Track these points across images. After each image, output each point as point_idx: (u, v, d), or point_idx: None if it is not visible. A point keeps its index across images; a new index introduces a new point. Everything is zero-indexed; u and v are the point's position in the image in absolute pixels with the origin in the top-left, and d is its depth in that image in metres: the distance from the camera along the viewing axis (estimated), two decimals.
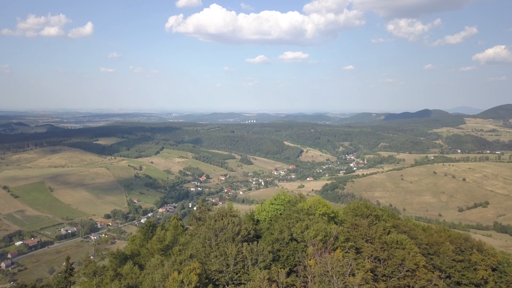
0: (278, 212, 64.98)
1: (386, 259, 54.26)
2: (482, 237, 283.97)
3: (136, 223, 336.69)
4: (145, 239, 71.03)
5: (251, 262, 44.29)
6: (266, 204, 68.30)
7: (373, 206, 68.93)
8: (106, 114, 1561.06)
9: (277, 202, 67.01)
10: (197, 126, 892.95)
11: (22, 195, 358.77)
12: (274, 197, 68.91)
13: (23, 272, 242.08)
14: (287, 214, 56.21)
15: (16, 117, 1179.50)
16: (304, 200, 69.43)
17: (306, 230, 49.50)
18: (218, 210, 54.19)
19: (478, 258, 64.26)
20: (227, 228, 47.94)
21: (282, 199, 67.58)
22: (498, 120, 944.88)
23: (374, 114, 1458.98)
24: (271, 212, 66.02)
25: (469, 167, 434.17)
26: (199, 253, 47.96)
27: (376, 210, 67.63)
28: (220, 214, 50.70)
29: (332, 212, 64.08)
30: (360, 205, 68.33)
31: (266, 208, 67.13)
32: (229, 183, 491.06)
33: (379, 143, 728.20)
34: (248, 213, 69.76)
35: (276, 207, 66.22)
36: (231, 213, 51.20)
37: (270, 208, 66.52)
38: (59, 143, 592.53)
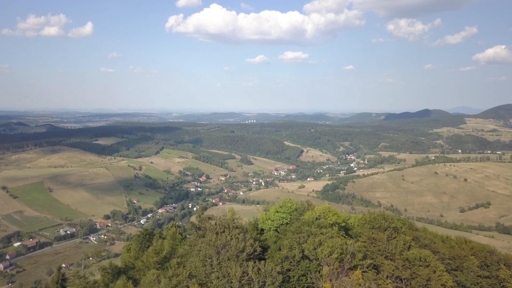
0: (284, 221, 61.35)
1: (409, 279, 48.71)
2: (484, 238, 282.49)
3: (136, 223, 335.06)
4: (141, 248, 67.75)
5: (258, 285, 39.30)
6: (271, 212, 64.27)
7: (391, 217, 62.82)
8: (106, 114, 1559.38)
9: (283, 210, 63.12)
10: (197, 126, 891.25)
11: (21, 195, 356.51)
12: (280, 204, 64.88)
13: (22, 273, 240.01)
14: (297, 226, 51.41)
15: (16, 117, 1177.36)
16: (312, 208, 65.29)
17: (319, 247, 44.71)
18: (219, 221, 50.04)
19: (507, 274, 59.07)
20: (230, 244, 43.39)
21: (289, 207, 63.74)
22: (499, 120, 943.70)
23: (374, 114, 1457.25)
24: (276, 221, 62.25)
25: (471, 167, 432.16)
26: (198, 272, 43.17)
27: (394, 222, 61.72)
28: (221, 226, 46.75)
29: (343, 221, 60.04)
30: (377, 216, 62.40)
31: (271, 217, 63.30)
32: (229, 183, 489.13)
33: (380, 143, 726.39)
34: (251, 221, 66.20)
35: (282, 215, 62.52)
36: (234, 224, 47.39)
37: (276, 217, 62.72)
38: (59, 143, 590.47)
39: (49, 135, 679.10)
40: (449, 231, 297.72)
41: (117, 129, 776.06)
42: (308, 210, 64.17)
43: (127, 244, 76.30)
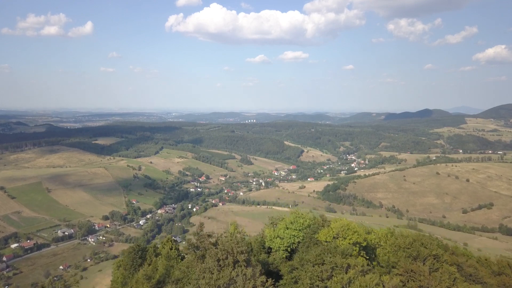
0: (295, 240, 54.96)
1: None
2: (488, 240, 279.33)
3: (135, 224, 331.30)
4: (133, 266, 61.61)
5: None
6: (280, 228, 57.37)
7: (430, 242, 54.65)
8: (106, 114, 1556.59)
9: (294, 227, 56.34)
10: (197, 126, 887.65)
11: (19, 195, 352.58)
12: (290, 220, 57.95)
13: (19, 275, 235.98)
14: (317, 255, 43.94)
15: (15, 117, 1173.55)
16: (327, 223, 57.82)
17: (349, 286, 37.31)
18: (221, 243, 42.11)
19: None
20: (235, 283, 35.92)
21: (301, 223, 56.97)
22: (499, 120, 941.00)
23: (374, 113, 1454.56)
24: (286, 239, 55.34)
25: (472, 168, 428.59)
26: None
27: (434, 248, 53.09)
28: (224, 251, 39.55)
29: (364, 240, 52.30)
30: (414, 243, 53.14)
31: (281, 234, 56.40)
32: (229, 183, 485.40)
33: (380, 143, 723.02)
34: (258, 238, 59.85)
35: (292, 233, 55.77)
36: (239, 249, 39.39)
37: (286, 234, 55.92)
38: (58, 143, 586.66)
39: (48, 135, 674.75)
40: (452, 232, 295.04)
41: (117, 128, 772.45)
42: (323, 226, 56.89)
43: (117, 261, 69.04)
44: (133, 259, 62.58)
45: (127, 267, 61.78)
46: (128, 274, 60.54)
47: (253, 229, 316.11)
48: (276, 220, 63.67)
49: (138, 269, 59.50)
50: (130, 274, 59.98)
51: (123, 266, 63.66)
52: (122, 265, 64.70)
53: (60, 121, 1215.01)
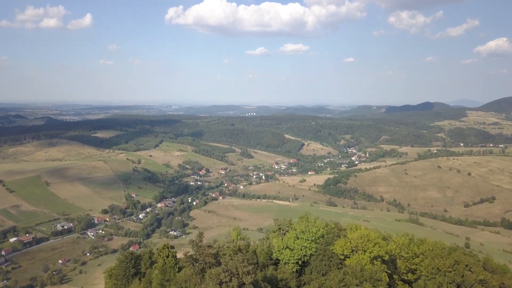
0: (307, 252, 49.64)
1: None
2: (489, 234, 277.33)
3: (135, 218, 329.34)
4: (126, 276, 56.45)
5: None
6: (290, 238, 51.88)
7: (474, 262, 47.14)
8: (105, 107, 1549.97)
9: (306, 236, 50.59)
10: (197, 119, 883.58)
11: (17, 189, 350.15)
12: (301, 228, 52.21)
13: (17, 270, 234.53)
14: (340, 280, 37.99)
15: (15, 110, 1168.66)
16: (343, 233, 52.11)
17: None
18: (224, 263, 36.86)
19: None
20: None
21: (313, 233, 51.05)
22: (500, 113, 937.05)
23: (375, 107, 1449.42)
24: (297, 250, 49.99)
25: (474, 161, 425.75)
26: None
27: (480, 271, 45.31)
28: (228, 273, 34.18)
29: (385, 253, 47.20)
30: (457, 266, 45.18)
31: (290, 244, 50.94)
32: (229, 177, 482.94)
33: (381, 136, 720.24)
34: (264, 248, 54.13)
35: (304, 243, 50.09)
36: (244, 269, 34.46)
37: (296, 245, 50.41)
38: (57, 136, 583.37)
39: (47, 128, 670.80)
40: (454, 226, 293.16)
41: (116, 122, 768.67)
42: (338, 236, 51.60)
43: (109, 269, 62.49)
44: (126, 269, 57.17)
45: (119, 278, 56.37)
46: (121, 285, 55.58)
47: (253, 223, 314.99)
48: (283, 225, 57.95)
49: (131, 280, 54.97)
50: (123, 286, 55.19)
51: (114, 276, 57.99)
52: (113, 275, 58.91)
53: (59, 114, 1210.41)
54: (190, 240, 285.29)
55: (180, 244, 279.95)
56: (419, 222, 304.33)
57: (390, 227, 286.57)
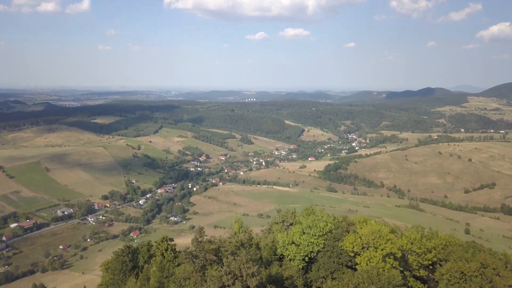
0: (314, 248, 47.34)
1: None
2: (489, 220, 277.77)
3: (135, 204, 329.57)
4: (122, 271, 54.34)
5: None
6: (296, 232, 49.34)
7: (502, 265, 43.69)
8: (105, 92, 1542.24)
9: (312, 232, 48.12)
10: (196, 105, 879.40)
11: (17, 175, 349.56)
12: (308, 223, 49.64)
13: (18, 255, 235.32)
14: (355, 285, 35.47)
15: (13, 95, 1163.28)
16: (353, 228, 49.61)
17: None
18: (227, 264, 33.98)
19: None
20: None
21: (320, 228, 48.44)
22: (502, 99, 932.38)
23: (376, 92, 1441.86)
24: (303, 246, 47.69)
25: (475, 147, 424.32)
26: None
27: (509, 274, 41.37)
28: (231, 275, 31.63)
29: (398, 250, 44.39)
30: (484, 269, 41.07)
31: (296, 239, 48.52)
32: (229, 163, 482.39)
33: (381, 122, 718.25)
34: (268, 243, 51.71)
35: (310, 239, 47.67)
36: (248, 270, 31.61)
37: (302, 240, 47.99)
38: (56, 121, 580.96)
39: (47, 114, 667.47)
40: (454, 212, 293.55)
41: (116, 107, 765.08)
42: (347, 231, 49.24)
43: (106, 262, 59.97)
44: (123, 263, 55.07)
45: (116, 272, 54.49)
46: (118, 280, 53.74)
47: (253, 208, 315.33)
48: (287, 217, 55.36)
49: (129, 275, 53.12)
50: (120, 281, 53.33)
51: (111, 270, 56.04)
52: (110, 268, 56.90)
53: (58, 99, 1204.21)
54: (190, 225, 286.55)
55: (181, 230, 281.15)
56: (419, 208, 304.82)
57: (390, 213, 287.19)
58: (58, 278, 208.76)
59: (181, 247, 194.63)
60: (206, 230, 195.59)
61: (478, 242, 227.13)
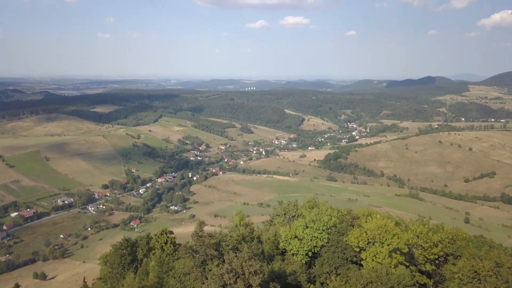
0: (318, 243, 46.25)
1: None
2: (489, 209, 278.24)
3: (135, 193, 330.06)
4: (121, 264, 53.05)
5: None
6: (298, 226, 48.14)
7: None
8: (104, 81, 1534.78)
9: (316, 226, 47.00)
10: (196, 94, 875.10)
11: (17, 164, 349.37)
12: (311, 216, 48.59)
13: (19, 244, 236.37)
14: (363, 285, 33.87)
15: (12, 84, 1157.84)
16: (358, 222, 48.43)
17: None
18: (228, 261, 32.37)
19: None
20: None
21: (324, 222, 47.33)
22: (503, 88, 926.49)
23: (376, 81, 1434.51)
24: (306, 241, 46.58)
25: (476, 136, 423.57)
26: None
27: None
28: (233, 273, 30.13)
29: (405, 245, 43.42)
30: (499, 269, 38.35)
31: (299, 234, 47.44)
32: (229, 152, 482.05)
33: (382, 111, 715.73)
34: (270, 237, 50.57)
35: (314, 233, 46.53)
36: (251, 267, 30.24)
37: (305, 235, 46.88)
38: (55, 110, 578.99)
39: (46, 103, 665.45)
40: (453, 201, 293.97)
41: (115, 96, 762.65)
42: (352, 226, 47.99)
43: (104, 255, 58.53)
44: (121, 256, 53.94)
45: (115, 266, 53.43)
46: (116, 273, 52.73)
47: (253, 198, 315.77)
48: (289, 209, 53.87)
49: (128, 268, 52.30)
50: (118, 274, 52.36)
51: (110, 264, 54.93)
52: (109, 262, 55.72)
53: (57, 88, 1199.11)
54: (190, 215, 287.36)
55: (181, 219, 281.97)
56: (419, 197, 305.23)
57: (390, 202, 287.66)
58: (59, 266, 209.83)
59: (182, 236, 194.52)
60: (207, 219, 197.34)
61: (478, 231, 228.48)
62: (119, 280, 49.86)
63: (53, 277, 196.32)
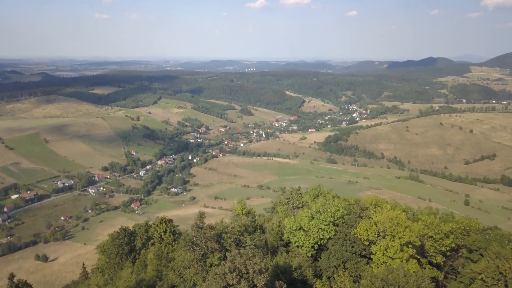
0: (325, 235, 44.13)
1: None
2: (489, 191, 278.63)
3: (135, 175, 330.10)
4: (118, 254, 51.54)
5: None
6: (303, 217, 45.75)
7: None
8: (102, 62, 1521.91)
9: (323, 217, 44.66)
10: (196, 75, 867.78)
11: (16, 146, 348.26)
12: (317, 207, 46.19)
13: (20, 226, 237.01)
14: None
15: (10, 65, 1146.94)
16: (366, 213, 46.12)
17: None
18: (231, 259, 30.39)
19: None
20: None
21: (332, 213, 45.03)
22: (505, 69, 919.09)
23: (377, 62, 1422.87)
24: (312, 233, 44.37)
25: (477, 118, 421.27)
26: None
27: None
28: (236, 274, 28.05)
29: (417, 238, 40.91)
30: None
31: (304, 225, 45.22)
32: (229, 134, 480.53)
33: (383, 93, 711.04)
34: (274, 227, 48.55)
35: (320, 225, 44.23)
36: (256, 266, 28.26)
37: (311, 226, 44.61)
38: (54, 92, 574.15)
39: (44, 84, 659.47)
40: (453, 183, 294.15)
41: (114, 78, 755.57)
42: (361, 217, 45.81)
43: (101, 244, 56.39)
44: (119, 246, 52.27)
45: (112, 256, 52.01)
46: (113, 264, 51.35)
47: (253, 180, 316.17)
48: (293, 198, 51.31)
49: (126, 258, 51.02)
50: (116, 265, 50.97)
51: (107, 254, 53.34)
52: (106, 251, 54.03)
53: (56, 69, 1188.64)
54: (191, 197, 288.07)
55: (181, 201, 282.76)
56: (419, 179, 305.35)
57: (390, 184, 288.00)
58: (60, 248, 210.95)
59: (182, 218, 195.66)
60: (207, 201, 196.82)
61: (477, 213, 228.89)
62: (117, 271, 48.61)
63: (54, 259, 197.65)
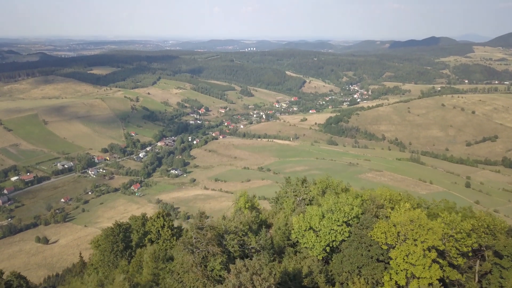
0: (338, 237, 40.31)
1: None
2: (490, 173, 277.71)
3: (135, 157, 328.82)
4: (113, 251, 48.92)
5: None
6: (313, 216, 41.86)
7: None
8: (100, 42, 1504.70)
9: (335, 217, 40.82)
10: (195, 55, 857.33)
11: (15, 128, 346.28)
12: (329, 205, 42.22)
13: (20, 208, 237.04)
14: None
15: (7, 45, 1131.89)
16: (383, 212, 41.98)
17: None
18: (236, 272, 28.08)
19: None
20: None
21: (345, 212, 41.12)
22: (508, 49, 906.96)
23: (379, 42, 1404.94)
24: (324, 234, 40.53)
25: (479, 99, 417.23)
26: None
27: None
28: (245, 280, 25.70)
29: (440, 240, 36.79)
30: None
31: (314, 225, 41.43)
32: (229, 116, 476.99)
33: (384, 73, 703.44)
34: (281, 226, 45.12)
35: (332, 226, 40.43)
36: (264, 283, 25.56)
37: (322, 227, 40.79)
38: (52, 72, 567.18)
39: (42, 64, 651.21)
40: (454, 165, 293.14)
41: (112, 58, 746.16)
42: (377, 216, 41.73)
43: (96, 239, 52.92)
44: (113, 243, 49.50)
45: (106, 253, 49.33)
46: (108, 261, 48.86)
47: (254, 162, 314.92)
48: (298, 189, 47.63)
49: (121, 256, 48.51)
50: (110, 263, 48.58)
51: (101, 251, 50.41)
52: (100, 248, 50.86)
53: (53, 49, 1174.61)
54: (191, 178, 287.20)
55: (182, 183, 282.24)
56: (420, 161, 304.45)
57: (391, 166, 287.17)
58: (61, 231, 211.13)
59: (182, 200, 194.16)
60: (207, 183, 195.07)
61: (478, 195, 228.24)
62: (111, 269, 46.61)
63: (55, 241, 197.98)
